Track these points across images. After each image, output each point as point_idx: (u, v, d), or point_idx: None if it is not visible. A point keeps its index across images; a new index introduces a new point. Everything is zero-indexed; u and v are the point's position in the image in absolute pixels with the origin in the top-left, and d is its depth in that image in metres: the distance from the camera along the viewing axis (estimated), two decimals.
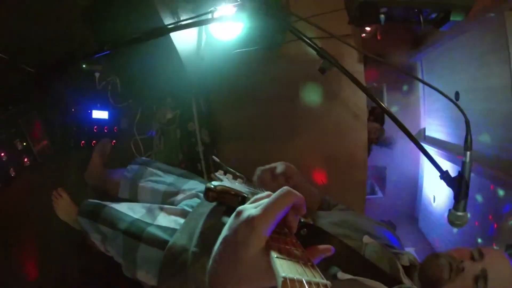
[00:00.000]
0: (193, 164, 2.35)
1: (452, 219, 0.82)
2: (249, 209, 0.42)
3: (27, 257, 1.27)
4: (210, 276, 0.43)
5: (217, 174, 1.05)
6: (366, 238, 0.82)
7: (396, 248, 0.86)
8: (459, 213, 0.81)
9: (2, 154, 1.23)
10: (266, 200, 0.41)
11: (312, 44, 0.92)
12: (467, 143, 0.85)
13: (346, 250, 0.76)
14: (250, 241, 0.39)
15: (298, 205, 0.43)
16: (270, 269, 0.36)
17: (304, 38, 0.91)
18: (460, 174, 0.83)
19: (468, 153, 0.84)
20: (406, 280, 0.75)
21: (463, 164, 0.83)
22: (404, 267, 0.80)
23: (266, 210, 0.40)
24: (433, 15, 1.16)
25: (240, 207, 0.43)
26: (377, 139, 3.11)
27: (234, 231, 0.41)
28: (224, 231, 0.43)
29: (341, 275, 0.69)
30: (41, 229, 1.37)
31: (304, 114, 2.42)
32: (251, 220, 0.40)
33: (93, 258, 1.32)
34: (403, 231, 3.26)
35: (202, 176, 2.30)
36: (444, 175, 0.84)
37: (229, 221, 0.43)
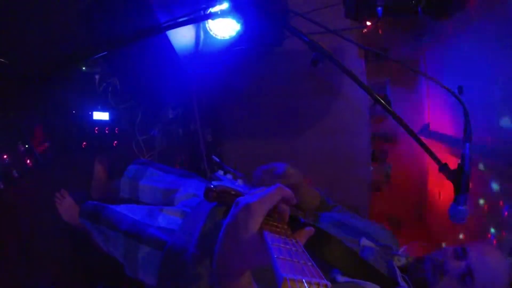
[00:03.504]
0: (196, 163, 2.36)
1: (453, 213, 0.80)
2: (246, 198, 0.50)
3: (31, 257, 1.29)
4: (216, 258, 0.50)
5: (217, 174, 1.05)
6: (364, 241, 0.82)
7: (394, 250, 0.86)
8: (460, 208, 0.79)
9: (5, 156, 1.25)
10: (261, 191, 0.51)
11: (303, 37, 0.91)
12: (466, 134, 0.84)
13: (345, 251, 0.76)
14: (248, 223, 0.46)
15: (287, 198, 0.53)
16: (264, 246, 0.43)
17: (298, 32, 0.90)
18: (460, 166, 0.81)
19: (468, 144, 0.82)
20: (403, 283, 0.74)
21: (462, 156, 0.82)
22: (402, 268, 0.80)
23: (261, 198, 0.48)
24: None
25: (238, 198, 0.51)
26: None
27: (235, 216, 0.48)
28: (227, 219, 0.50)
29: (341, 278, 0.69)
30: (44, 230, 1.39)
31: (307, 110, 2.41)
32: (248, 206, 0.47)
33: (96, 257, 1.33)
34: (409, 226, 3.23)
35: (205, 175, 2.31)
36: (443, 168, 0.82)
37: (231, 210, 0.50)
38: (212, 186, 0.87)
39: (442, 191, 2.77)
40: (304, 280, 0.35)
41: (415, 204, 3.33)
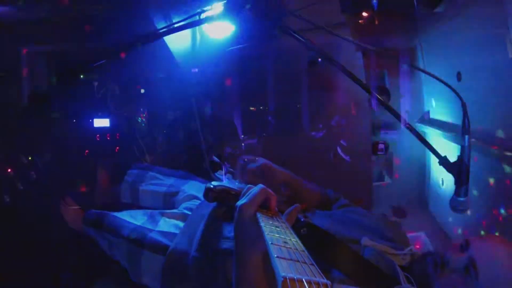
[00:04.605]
0: (198, 164, 2.37)
1: (454, 205, 0.81)
2: (241, 200, 0.65)
3: (39, 265, 1.31)
4: (235, 247, 0.65)
5: (217, 174, 1.06)
6: (365, 241, 0.82)
7: (398, 248, 0.84)
8: (461, 199, 0.80)
9: (9, 170, 1.27)
10: (251, 192, 0.65)
11: (301, 39, 0.91)
12: (465, 127, 0.84)
13: (346, 250, 0.76)
14: (240, 220, 0.63)
15: (268, 198, 0.66)
16: (259, 231, 0.55)
17: (294, 33, 0.90)
18: (460, 158, 0.82)
19: (467, 137, 0.83)
20: (405, 283, 0.73)
21: (462, 149, 0.82)
22: (406, 267, 0.79)
23: (249, 200, 0.64)
24: None
25: (237, 203, 0.65)
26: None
27: (236, 217, 0.65)
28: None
29: (337, 286, 0.69)
30: (51, 238, 1.41)
31: (306, 105, 2.41)
32: (240, 208, 0.64)
33: (103, 263, 1.34)
34: (414, 216, 3.23)
35: (207, 175, 2.32)
36: (443, 161, 0.83)
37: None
38: (212, 186, 0.88)
39: (445, 177, 2.78)
40: (304, 280, 0.35)
41: (418, 192, 3.35)
